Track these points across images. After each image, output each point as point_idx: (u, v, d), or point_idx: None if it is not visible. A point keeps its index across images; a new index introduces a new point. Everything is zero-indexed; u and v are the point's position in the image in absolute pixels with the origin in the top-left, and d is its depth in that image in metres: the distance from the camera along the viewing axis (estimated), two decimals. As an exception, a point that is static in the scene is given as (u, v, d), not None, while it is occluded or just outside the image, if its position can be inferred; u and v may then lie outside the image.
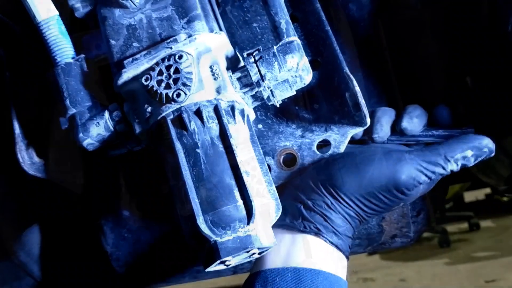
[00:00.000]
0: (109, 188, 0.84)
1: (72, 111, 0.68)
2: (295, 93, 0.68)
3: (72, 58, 0.70)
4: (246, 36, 0.77)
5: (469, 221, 3.92)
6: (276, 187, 0.66)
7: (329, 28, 0.75)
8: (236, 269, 0.91)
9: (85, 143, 0.67)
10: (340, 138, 0.73)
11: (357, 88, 0.69)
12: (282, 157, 0.75)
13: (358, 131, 0.73)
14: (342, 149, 0.73)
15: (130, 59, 0.66)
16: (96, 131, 0.67)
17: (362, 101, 0.69)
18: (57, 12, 0.71)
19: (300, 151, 0.75)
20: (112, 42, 0.67)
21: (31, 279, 1.04)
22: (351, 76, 0.71)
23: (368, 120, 0.70)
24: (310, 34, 0.76)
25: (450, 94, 0.91)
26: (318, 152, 0.74)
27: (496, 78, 0.85)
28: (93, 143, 0.68)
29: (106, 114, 0.67)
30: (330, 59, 0.74)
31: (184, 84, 0.63)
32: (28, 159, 0.70)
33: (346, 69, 0.72)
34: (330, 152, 0.73)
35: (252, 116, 0.71)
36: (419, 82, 0.90)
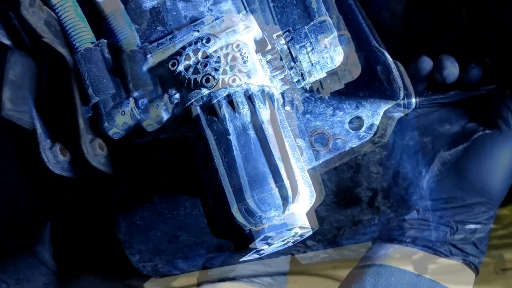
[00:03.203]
0: (120, 176, 0.82)
1: (95, 99, 0.65)
2: (325, 75, 0.65)
3: (92, 43, 0.67)
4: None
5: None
6: None
7: (352, 1, 0.72)
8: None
9: (110, 132, 0.65)
10: (373, 114, 0.71)
11: (390, 60, 0.66)
12: (314, 137, 0.73)
13: (391, 105, 0.71)
14: (376, 123, 0.71)
15: (155, 43, 0.63)
16: (122, 120, 0.64)
17: (396, 72, 0.66)
18: None
19: (332, 130, 0.73)
20: (135, 26, 0.65)
21: (44, 267, 1.02)
22: (381, 49, 0.68)
23: (402, 94, 0.68)
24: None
25: (477, 47, 0.88)
26: (351, 130, 0.72)
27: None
28: (119, 132, 0.65)
29: (132, 102, 0.64)
30: (354, 35, 0.71)
31: (213, 69, 0.61)
32: (52, 158, 0.67)
33: (374, 43, 0.69)
34: (363, 129, 0.71)
35: (281, 101, 0.68)
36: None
